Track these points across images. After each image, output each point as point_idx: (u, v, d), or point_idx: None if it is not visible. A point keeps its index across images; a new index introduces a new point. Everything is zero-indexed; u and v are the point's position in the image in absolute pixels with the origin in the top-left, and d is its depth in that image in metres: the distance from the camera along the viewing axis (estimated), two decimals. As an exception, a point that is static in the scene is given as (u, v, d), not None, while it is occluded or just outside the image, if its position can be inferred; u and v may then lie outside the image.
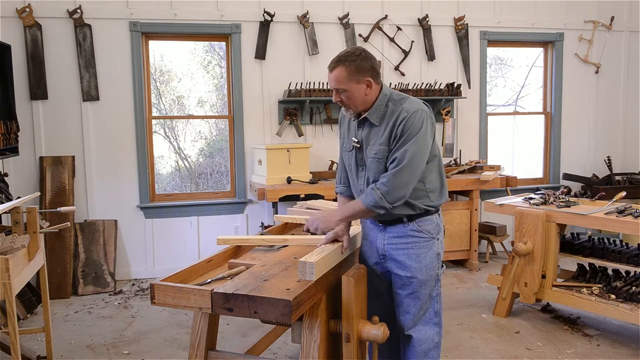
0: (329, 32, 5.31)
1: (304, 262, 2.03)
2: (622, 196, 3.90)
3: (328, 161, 5.36)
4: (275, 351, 3.38)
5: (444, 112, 5.56)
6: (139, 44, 4.91)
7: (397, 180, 2.11)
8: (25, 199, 2.84)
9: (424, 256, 2.28)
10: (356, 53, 2.15)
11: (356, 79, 2.13)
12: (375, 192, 2.12)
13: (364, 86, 2.15)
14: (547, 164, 6.17)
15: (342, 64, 2.13)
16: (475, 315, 3.99)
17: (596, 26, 6.02)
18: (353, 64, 2.12)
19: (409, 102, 2.18)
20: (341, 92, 2.17)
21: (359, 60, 2.13)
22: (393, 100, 2.21)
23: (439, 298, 2.38)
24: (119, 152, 4.95)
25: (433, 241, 2.30)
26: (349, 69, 2.12)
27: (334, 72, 2.15)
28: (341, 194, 2.50)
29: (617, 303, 3.37)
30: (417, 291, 2.30)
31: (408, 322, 2.34)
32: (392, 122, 2.15)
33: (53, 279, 4.47)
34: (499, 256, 5.71)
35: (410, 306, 2.32)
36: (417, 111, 2.13)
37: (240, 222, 5.28)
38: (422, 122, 2.12)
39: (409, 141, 2.10)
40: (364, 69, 2.14)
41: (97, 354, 3.45)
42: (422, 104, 2.21)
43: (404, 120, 2.11)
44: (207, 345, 2.28)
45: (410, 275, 2.28)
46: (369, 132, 2.24)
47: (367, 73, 2.15)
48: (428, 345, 2.34)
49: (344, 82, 2.13)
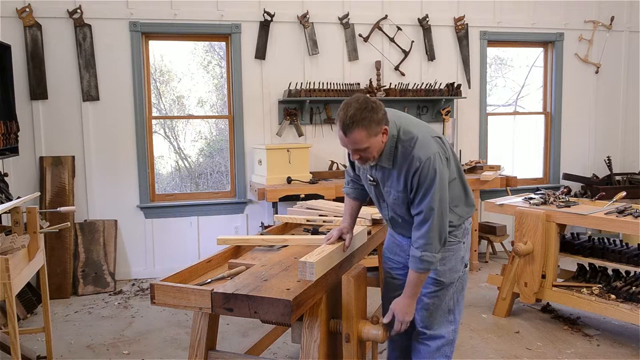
0: (329, 32, 5.32)
1: (304, 262, 2.04)
2: (622, 196, 3.90)
3: (328, 161, 5.36)
4: (275, 351, 3.38)
5: (444, 112, 5.55)
6: (139, 44, 4.91)
7: (432, 233, 2.10)
8: (25, 199, 2.84)
9: (449, 259, 2.30)
10: (368, 107, 1.99)
11: (375, 132, 2.01)
12: (425, 256, 2.11)
13: (381, 136, 2.05)
14: (547, 164, 6.17)
15: (359, 125, 1.97)
16: (475, 315, 3.99)
17: (596, 26, 6.02)
18: (369, 121, 1.98)
19: (419, 147, 2.08)
20: (361, 150, 2.05)
21: (372, 113, 1.99)
22: (402, 142, 2.11)
23: (460, 297, 2.41)
24: (119, 152, 4.95)
25: (459, 245, 2.33)
26: (368, 127, 1.98)
27: (353, 135, 1.99)
28: (347, 195, 2.51)
29: (617, 303, 3.37)
30: (438, 292, 2.32)
31: (424, 318, 2.36)
32: (406, 171, 2.10)
33: (53, 279, 4.47)
34: (499, 256, 5.71)
35: (429, 304, 2.34)
36: (429, 159, 2.05)
37: (240, 222, 5.28)
38: (435, 169, 2.06)
39: (428, 194, 2.07)
40: (378, 120, 2.01)
41: (97, 354, 3.45)
42: (433, 141, 2.12)
43: (417, 171, 2.06)
44: (207, 345, 2.28)
45: (435, 276, 2.30)
46: (383, 173, 2.20)
47: (382, 122, 2.03)
48: (442, 342, 2.37)
49: (365, 141, 2.01)
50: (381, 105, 2.04)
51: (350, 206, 2.46)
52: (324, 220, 3.16)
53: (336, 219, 3.13)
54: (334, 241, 2.33)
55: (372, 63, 5.42)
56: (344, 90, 5.19)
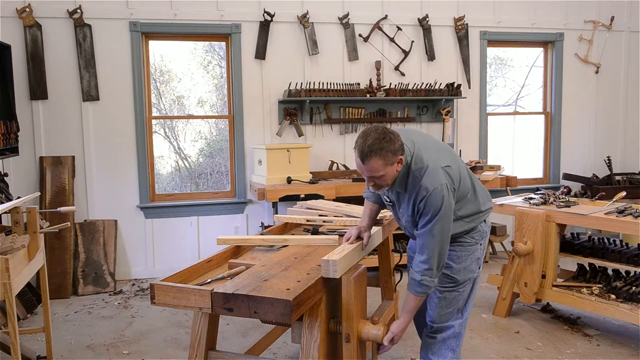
0: (329, 32, 5.32)
1: (327, 260, 2.07)
2: (622, 196, 3.90)
3: (328, 161, 5.36)
4: (275, 351, 3.38)
5: (444, 112, 5.56)
6: (139, 44, 4.91)
7: (432, 260, 2.19)
8: (25, 199, 2.84)
9: (464, 258, 2.38)
10: (385, 139, 2.08)
11: (391, 162, 2.12)
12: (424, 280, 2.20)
13: (396, 165, 2.16)
14: (547, 164, 6.17)
15: (377, 154, 2.07)
16: (475, 315, 3.99)
17: (596, 26, 6.02)
18: (386, 151, 2.08)
19: (427, 177, 2.17)
20: (376, 178, 2.16)
21: (389, 144, 2.09)
22: (412, 172, 2.20)
23: (471, 297, 2.47)
24: (119, 152, 4.95)
25: (476, 246, 2.41)
26: (385, 156, 2.08)
27: (370, 164, 2.09)
28: (367, 199, 2.61)
29: (617, 303, 3.37)
30: (452, 289, 2.39)
31: (434, 313, 2.43)
32: (414, 199, 2.20)
33: (53, 279, 4.47)
34: (499, 256, 5.71)
35: (441, 300, 2.40)
36: (436, 189, 2.14)
37: (240, 222, 5.28)
38: (441, 199, 2.14)
39: (431, 222, 2.16)
40: (395, 150, 2.11)
41: (97, 354, 3.45)
42: (442, 172, 2.19)
43: (423, 199, 2.16)
44: (207, 345, 2.28)
45: (450, 274, 2.37)
46: (398, 196, 2.33)
47: (398, 153, 2.13)
48: (448, 334, 2.42)
49: (381, 170, 2.12)
50: (398, 136, 2.14)
51: (370, 208, 2.57)
52: (324, 220, 3.16)
53: (336, 219, 3.13)
54: (353, 240, 2.41)
55: (372, 63, 5.42)
56: (344, 90, 5.19)
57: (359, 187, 4.72)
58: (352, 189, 4.74)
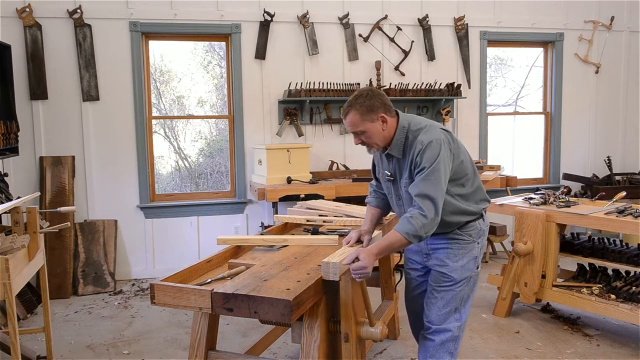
0: (329, 32, 5.32)
1: (327, 263, 2.07)
2: (622, 196, 3.89)
3: (328, 161, 5.37)
4: (275, 351, 3.38)
5: (444, 112, 5.56)
6: (139, 44, 4.91)
7: (425, 203, 2.12)
8: (25, 199, 2.84)
9: (462, 257, 2.38)
10: (363, 94, 2.23)
11: (370, 118, 2.22)
12: (414, 219, 2.11)
13: (379, 123, 2.24)
14: (547, 164, 6.17)
15: (353, 107, 2.22)
16: (475, 315, 3.99)
17: (596, 26, 6.02)
18: (363, 105, 2.21)
19: (424, 133, 2.23)
20: (360, 134, 2.26)
21: (367, 100, 2.22)
22: (411, 132, 2.26)
23: (469, 297, 2.45)
24: (119, 152, 4.95)
25: (473, 244, 2.40)
26: (361, 110, 2.21)
27: (348, 117, 2.24)
28: (369, 204, 2.63)
29: (617, 303, 3.37)
30: (448, 288, 2.38)
31: (432, 313, 2.41)
32: (411, 157, 2.23)
33: (53, 279, 4.47)
34: (499, 256, 5.71)
35: (438, 299, 2.39)
36: (432, 142, 2.18)
37: (240, 222, 5.28)
38: (438, 150, 2.16)
39: (427, 169, 2.15)
40: (374, 106, 2.22)
41: (97, 354, 3.45)
42: (439, 130, 2.25)
43: (419, 153, 2.18)
44: (207, 345, 2.29)
45: (446, 272, 2.37)
46: (398, 164, 2.34)
47: (378, 110, 2.22)
48: (446, 336, 2.40)
49: (359, 124, 2.23)
50: (380, 95, 2.25)
51: (371, 212, 2.59)
52: (324, 220, 3.16)
53: (336, 219, 3.13)
54: (353, 243, 2.41)
55: (372, 63, 5.42)
56: (344, 90, 5.19)
57: (359, 187, 4.72)
58: (352, 189, 4.75)
